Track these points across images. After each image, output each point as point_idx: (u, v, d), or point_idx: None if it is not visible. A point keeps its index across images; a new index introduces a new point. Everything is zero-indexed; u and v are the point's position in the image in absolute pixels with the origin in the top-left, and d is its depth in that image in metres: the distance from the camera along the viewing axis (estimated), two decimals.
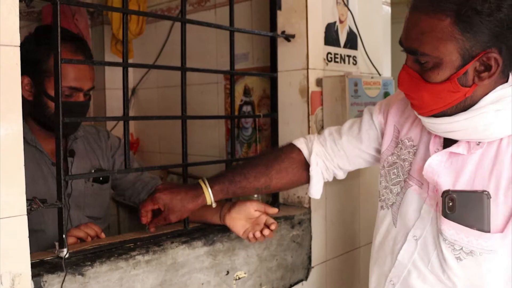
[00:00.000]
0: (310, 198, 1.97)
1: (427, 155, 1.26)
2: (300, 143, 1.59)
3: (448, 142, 1.23)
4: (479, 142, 1.17)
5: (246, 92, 2.42)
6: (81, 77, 1.65)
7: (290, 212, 1.90)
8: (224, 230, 1.63)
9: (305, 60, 1.95)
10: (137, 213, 1.59)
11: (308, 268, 1.95)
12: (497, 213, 1.12)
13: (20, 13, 1.08)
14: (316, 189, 1.58)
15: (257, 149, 2.33)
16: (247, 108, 2.43)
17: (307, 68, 1.95)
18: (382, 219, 1.40)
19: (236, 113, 2.44)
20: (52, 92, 1.60)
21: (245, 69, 2.38)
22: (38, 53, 1.61)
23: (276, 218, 1.80)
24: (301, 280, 1.93)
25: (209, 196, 1.49)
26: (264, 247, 1.75)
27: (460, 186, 1.18)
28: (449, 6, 1.06)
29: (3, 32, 1.04)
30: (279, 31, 1.96)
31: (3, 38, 1.05)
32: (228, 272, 1.63)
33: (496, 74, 1.10)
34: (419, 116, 1.24)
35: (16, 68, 1.08)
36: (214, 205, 1.51)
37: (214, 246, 1.59)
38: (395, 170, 1.36)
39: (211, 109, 2.64)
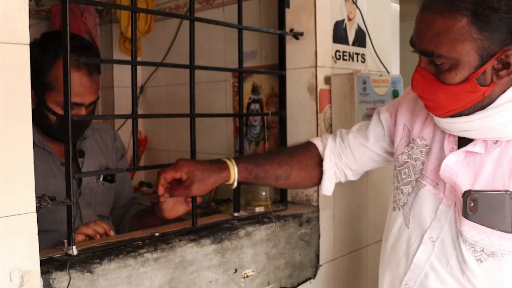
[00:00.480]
0: (318, 196, 1.97)
1: (441, 155, 1.23)
2: (316, 140, 1.62)
3: (462, 141, 1.21)
4: (497, 141, 1.14)
5: (254, 90, 2.42)
6: (83, 92, 1.62)
7: (299, 210, 1.90)
8: (232, 228, 1.63)
9: (314, 58, 1.94)
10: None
11: (316, 267, 1.95)
12: None
13: (29, 11, 1.08)
14: (328, 185, 1.57)
15: (265, 147, 2.33)
16: (255, 106, 2.43)
17: (316, 66, 1.94)
18: (393, 220, 1.37)
19: (244, 111, 2.44)
20: (52, 106, 1.60)
21: (253, 67, 2.37)
22: (41, 63, 1.59)
23: (284, 216, 1.81)
24: (309, 278, 1.92)
25: (233, 171, 1.46)
26: (272, 245, 1.75)
27: (479, 186, 1.15)
28: (465, 5, 1.04)
29: (13, 31, 1.05)
30: (287, 29, 1.96)
31: (13, 37, 1.05)
32: (236, 270, 1.63)
33: None
34: (435, 117, 1.22)
35: (26, 66, 1.08)
36: (235, 184, 1.48)
37: (222, 244, 1.59)
38: (406, 170, 1.34)
39: (219, 107, 2.64)
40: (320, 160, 1.57)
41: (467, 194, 1.13)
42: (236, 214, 1.76)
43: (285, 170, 1.54)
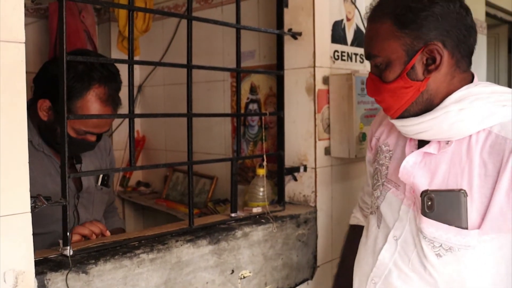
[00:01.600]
0: (316, 197, 1.96)
1: (403, 158, 1.30)
2: (354, 221, 1.71)
3: (422, 145, 1.28)
4: (448, 141, 1.22)
5: (253, 90, 2.41)
6: (102, 124, 1.65)
7: (296, 211, 1.89)
8: (229, 229, 1.63)
9: (312, 58, 1.94)
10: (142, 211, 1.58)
11: (313, 267, 1.94)
12: (472, 211, 1.16)
13: (26, 9, 1.07)
14: None
15: (263, 147, 2.32)
16: (253, 106, 2.42)
17: (314, 66, 1.94)
18: (369, 223, 1.44)
19: (243, 111, 2.43)
20: (69, 131, 1.59)
21: (251, 67, 2.37)
22: (72, 87, 1.56)
23: (282, 217, 1.80)
24: (307, 279, 1.92)
25: None
26: (270, 246, 1.74)
27: (435, 186, 1.22)
28: (387, 9, 1.22)
29: (8, 29, 1.04)
30: (285, 29, 1.95)
31: (8, 35, 1.04)
32: (233, 271, 1.63)
33: (445, 66, 1.19)
34: (391, 120, 1.30)
35: (21, 64, 1.07)
36: None
37: (219, 245, 1.58)
38: (376, 176, 1.43)
39: (218, 106, 2.63)
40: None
41: (424, 193, 1.21)
42: (233, 215, 1.75)
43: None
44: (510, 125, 1.16)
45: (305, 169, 1.98)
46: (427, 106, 1.23)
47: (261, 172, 1.92)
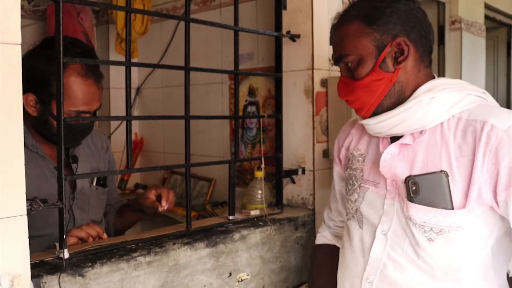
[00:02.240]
0: (314, 199, 1.96)
1: (377, 157, 1.36)
2: (320, 239, 1.68)
3: (395, 141, 1.33)
4: (421, 131, 1.28)
5: (251, 92, 2.41)
6: (90, 100, 1.62)
7: (294, 214, 1.89)
8: (227, 231, 1.62)
9: (310, 60, 1.93)
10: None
11: None
12: (455, 191, 1.20)
13: (24, 11, 1.07)
14: None
15: (261, 149, 2.32)
16: (251, 108, 2.41)
17: (312, 69, 1.93)
18: (349, 228, 1.45)
19: (241, 113, 2.43)
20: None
21: (250, 69, 2.36)
22: (46, 71, 1.56)
23: (280, 220, 1.79)
24: (305, 282, 1.91)
25: None
26: (268, 248, 1.74)
27: (416, 172, 1.27)
28: (353, 12, 1.31)
29: (4, 30, 1.03)
30: (284, 31, 1.94)
31: (4, 36, 1.03)
32: (230, 274, 1.62)
33: (412, 59, 1.28)
34: (364, 122, 1.35)
35: (17, 66, 1.06)
36: None
37: (217, 248, 1.57)
38: (351, 181, 1.46)
39: (216, 109, 2.62)
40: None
41: (408, 179, 1.26)
42: (231, 217, 1.75)
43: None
44: (476, 111, 1.23)
45: (303, 172, 1.98)
46: (399, 98, 1.29)
47: (259, 174, 1.92)
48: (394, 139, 1.34)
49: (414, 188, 1.25)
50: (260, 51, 2.35)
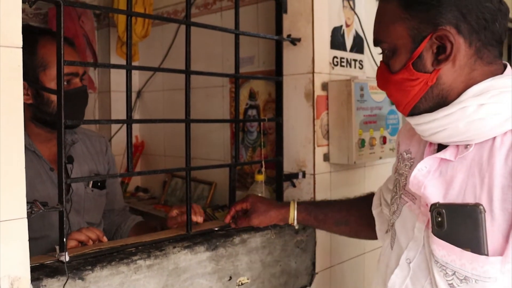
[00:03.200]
0: None
1: None
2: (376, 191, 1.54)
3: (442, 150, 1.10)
4: (467, 145, 1.02)
5: (252, 95, 2.41)
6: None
7: None
8: (227, 235, 1.62)
9: (311, 64, 1.93)
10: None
11: (312, 274, 1.93)
12: (493, 231, 0.95)
13: (26, 14, 1.07)
14: (378, 231, 1.47)
15: (262, 153, 2.32)
16: (252, 112, 2.41)
17: (313, 72, 1.93)
18: (384, 244, 1.26)
19: (242, 116, 2.43)
20: (50, 84, 1.59)
21: (250, 73, 2.36)
22: (24, 51, 1.58)
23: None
24: (305, 286, 1.90)
25: (293, 209, 1.55)
26: (268, 252, 1.73)
27: (450, 199, 1.02)
28: None
29: (5, 33, 1.03)
30: (285, 35, 1.95)
31: (5, 39, 1.04)
32: (230, 278, 1.62)
33: (461, 56, 1.02)
34: (406, 118, 1.15)
35: (18, 69, 1.07)
36: (295, 222, 1.58)
37: (217, 251, 1.57)
38: (395, 188, 1.24)
39: (217, 112, 2.63)
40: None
41: (433, 207, 1.01)
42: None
43: (345, 215, 1.52)
44: None
45: (303, 176, 1.98)
46: (440, 102, 1.05)
47: (260, 178, 1.92)
48: (441, 146, 1.09)
49: (439, 219, 1.00)
50: (260, 55, 2.35)
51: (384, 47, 1.10)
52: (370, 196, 1.54)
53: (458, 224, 0.98)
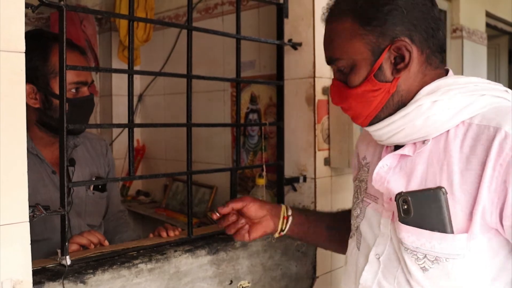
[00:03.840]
0: (315, 207, 1.96)
1: None
2: None
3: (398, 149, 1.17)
4: (424, 140, 1.10)
5: (253, 100, 2.41)
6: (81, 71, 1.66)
7: None
8: (228, 239, 1.62)
9: (312, 69, 1.94)
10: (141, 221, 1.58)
11: (312, 278, 1.93)
12: (455, 212, 1.02)
13: (28, 19, 1.08)
14: None
15: (263, 157, 2.32)
16: (253, 116, 2.42)
17: (314, 77, 1.94)
18: (349, 247, 1.30)
19: (243, 121, 2.43)
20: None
21: (251, 77, 2.37)
22: (34, 59, 1.59)
23: None
24: None
25: (285, 207, 1.51)
26: (269, 256, 1.74)
27: (412, 188, 1.10)
28: (346, 6, 1.12)
29: (8, 38, 1.04)
30: (286, 39, 1.95)
31: (8, 44, 1.04)
32: (231, 282, 1.62)
33: (415, 64, 1.09)
34: (364, 128, 1.20)
35: (21, 74, 1.07)
36: (290, 215, 1.51)
37: (218, 255, 1.57)
38: (356, 193, 1.31)
39: (218, 116, 2.63)
40: None
41: (398, 196, 1.07)
42: None
43: (334, 222, 1.52)
44: (490, 115, 1.04)
45: (304, 180, 1.98)
46: (400, 108, 1.11)
47: (261, 182, 1.92)
48: (398, 148, 1.16)
49: (405, 207, 1.06)
50: (262, 59, 2.36)
51: (340, 64, 1.13)
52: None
53: (424, 208, 1.04)
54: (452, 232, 1.02)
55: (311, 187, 1.97)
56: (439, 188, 1.03)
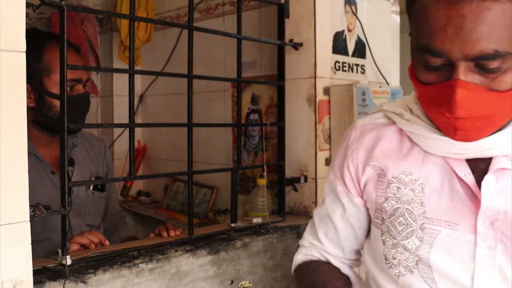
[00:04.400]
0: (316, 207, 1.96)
1: (451, 185, 0.98)
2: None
3: (470, 163, 0.97)
4: None
5: (254, 100, 2.41)
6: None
7: (296, 222, 1.89)
8: (229, 239, 1.62)
9: (313, 69, 1.94)
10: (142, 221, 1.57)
11: None
12: None
13: (29, 19, 1.08)
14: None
15: (263, 157, 2.32)
16: (254, 116, 2.42)
17: (315, 77, 1.94)
18: (408, 287, 1.03)
19: (243, 121, 2.43)
20: (53, 89, 1.60)
21: (252, 77, 2.37)
22: (27, 57, 1.59)
23: (282, 228, 1.79)
24: None
25: None
26: (269, 256, 1.74)
27: None
28: None
29: (9, 38, 1.04)
30: (287, 39, 1.95)
31: (9, 44, 1.04)
32: (232, 282, 1.62)
33: None
34: (444, 144, 0.96)
35: (22, 73, 1.08)
36: None
37: (219, 255, 1.57)
38: (401, 219, 1.03)
39: (219, 116, 2.63)
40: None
41: None
42: (233, 225, 1.75)
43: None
44: None
45: (305, 180, 1.98)
46: None
47: (262, 182, 1.92)
48: (469, 160, 0.96)
49: None
50: (263, 59, 2.36)
51: (494, 64, 0.82)
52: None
53: None
54: None
55: (312, 187, 1.97)
56: None
